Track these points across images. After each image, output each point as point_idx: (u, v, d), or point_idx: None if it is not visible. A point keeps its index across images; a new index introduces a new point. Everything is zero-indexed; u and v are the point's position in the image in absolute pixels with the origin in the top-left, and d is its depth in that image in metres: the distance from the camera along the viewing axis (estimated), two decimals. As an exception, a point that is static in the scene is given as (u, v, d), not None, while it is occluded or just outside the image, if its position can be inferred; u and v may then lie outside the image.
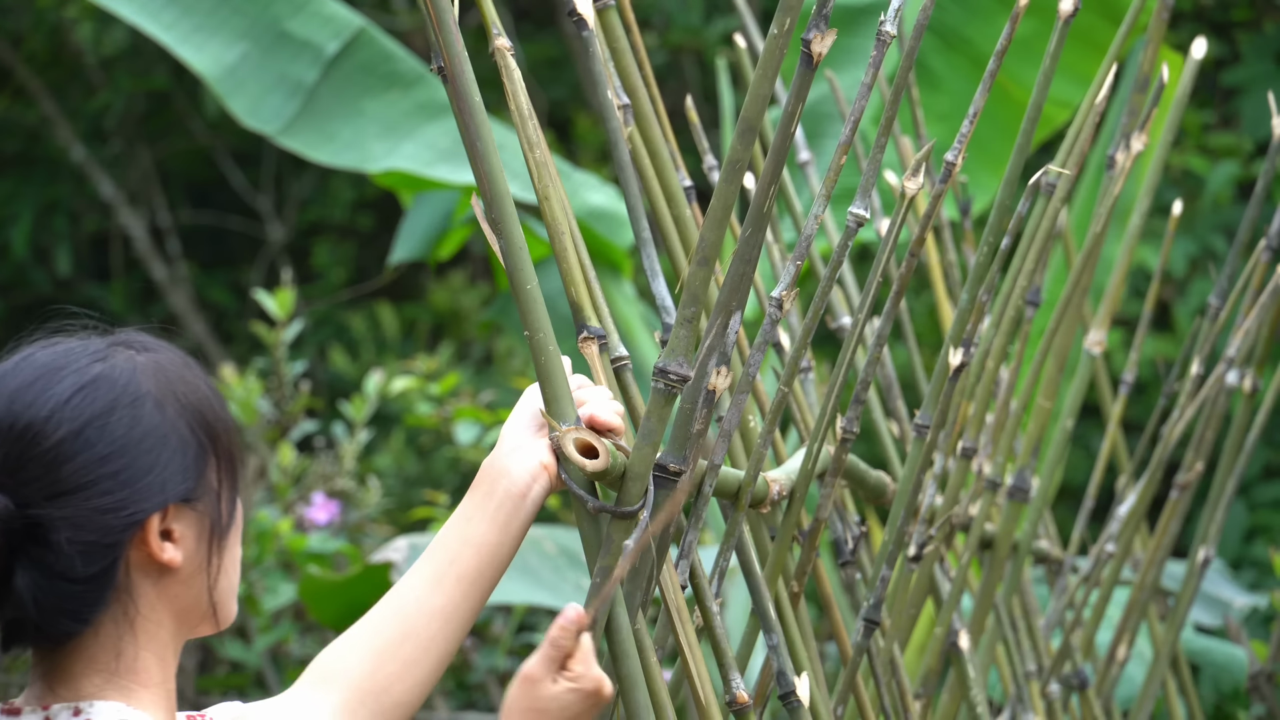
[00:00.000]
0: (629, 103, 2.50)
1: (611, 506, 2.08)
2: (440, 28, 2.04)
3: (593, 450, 2.06)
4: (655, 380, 2.09)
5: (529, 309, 2.07)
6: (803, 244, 2.25)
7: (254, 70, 5.10)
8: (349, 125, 5.14)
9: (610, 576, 2.06)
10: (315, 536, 5.21)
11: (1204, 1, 7.69)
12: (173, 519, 1.95)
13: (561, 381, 2.08)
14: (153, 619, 1.97)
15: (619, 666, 2.10)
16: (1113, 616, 4.43)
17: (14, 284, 9.54)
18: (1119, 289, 3.36)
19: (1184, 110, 3.35)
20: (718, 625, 2.28)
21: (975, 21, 4.97)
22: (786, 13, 2.02)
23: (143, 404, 1.96)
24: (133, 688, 1.96)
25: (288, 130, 5.12)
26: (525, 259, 2.07)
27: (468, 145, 2.06)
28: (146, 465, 1.94)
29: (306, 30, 5.17)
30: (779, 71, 2.06)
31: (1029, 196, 2.76)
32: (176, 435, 1.96)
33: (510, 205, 2.07)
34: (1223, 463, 3.66)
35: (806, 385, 2.95)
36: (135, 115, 9.63)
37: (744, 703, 2.27)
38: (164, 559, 1.95)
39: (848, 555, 2.78)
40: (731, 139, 2.08)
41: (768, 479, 2.42)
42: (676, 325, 2.09)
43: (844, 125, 2.24)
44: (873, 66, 2.23)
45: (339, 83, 5.16)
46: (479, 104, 2.06)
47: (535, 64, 9.30)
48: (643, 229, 2.44)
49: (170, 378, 1.99)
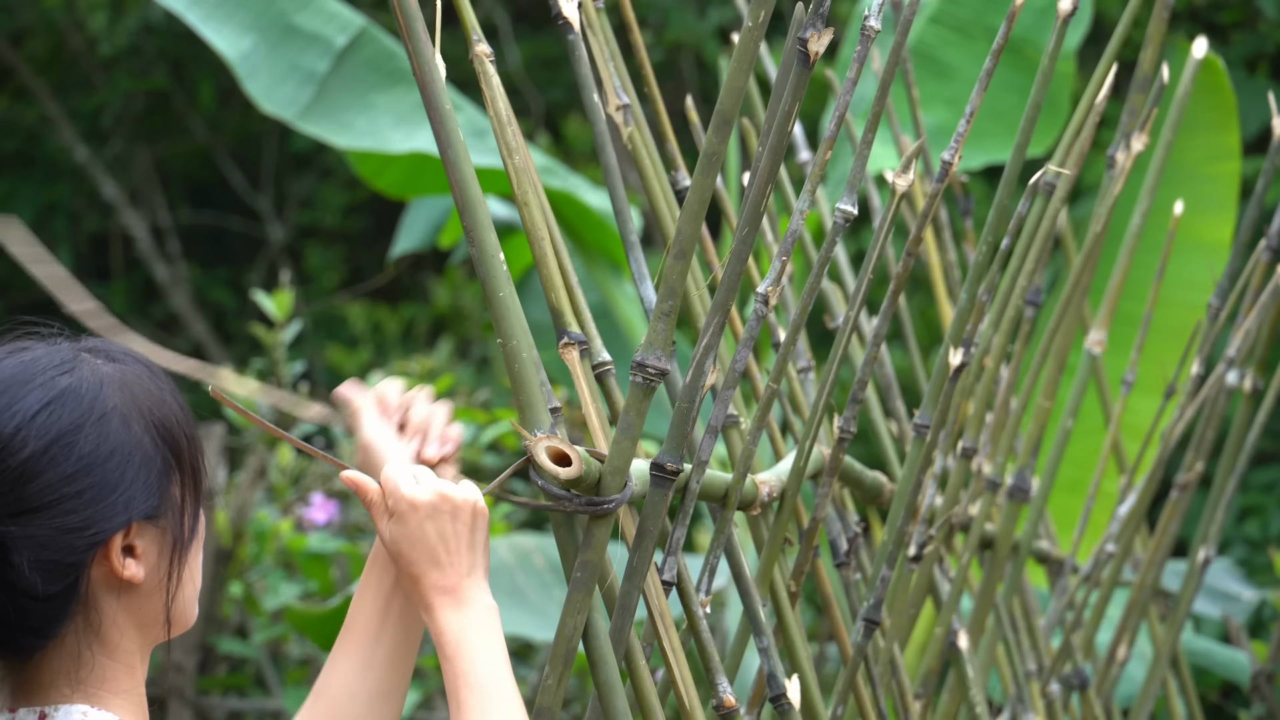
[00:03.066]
0: (629, 102, 2.50)
1: (589, 504, 2.06)
2: (409, 35, 2.03)
3: (565, 458, 2.05)
4: (633, 374, 2.07)
5: (502, 316, 2.06)
6: (788, 240, 2.23)
7: (265, 59, 5.10)
8: (363, 115, 5.14)
9: (590, 571, 2.05)
10: (315, 536, 5.21)
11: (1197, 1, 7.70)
12: (135, 536, 1.95)
13: (535, 390, 2.06)
14: (116, 630, 1.96)
15: (597, 673, 2.09)
16: (1113, 616, 4.43)
17: (14, 284, 9.54)
18: (1119, 289, 3.36)
19: (1184, 109, 3.35)
20: (703, 628, 2.26)
21: (996, 13, 4.98)
22: (760, 6, 2.02)
23: (109, 420, 1.94)
24: (100, 694, 1.96)
25: (305, 116, 5.12)
26: (498, 266, 2.05)
27: (440, 152, 2.05)
28: (111, 483, 1.93)
29: (313, 24, 5.18)
30: (754, 65, 2.05)
31: (1029, 196, 2.76)
32: (141, 452, 1.95)
33: (484, 212, 2.05)
34: (1223, 463, 3.66)
35: (807, 385, 2.94)
36: (134, 115, 9.63)
37: (731, 706, 2.26)
38: (125, 576, 1.94)
39: (843, 557, 2.77)
40: (708, 131, 2.07)
41: (756, 481, 2.41)
42: (654, 319, 2.08)
43: (830, 120, 2.24)
44: (857, 61, 2.22)
45: (349, 75, 5.16)
46: (450, 111, 2.04)
47: (533, 65, 9.30)
48: (630, 232, 2.43)
49: (136, 391, 1.97)
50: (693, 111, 2.88)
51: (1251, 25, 7.78)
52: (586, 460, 2.05)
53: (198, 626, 5.12)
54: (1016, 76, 4.91)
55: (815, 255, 3.27)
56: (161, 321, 9.69)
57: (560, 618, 2.07)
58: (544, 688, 2.09)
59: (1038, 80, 2.69)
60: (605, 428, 2.23)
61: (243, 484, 5.29)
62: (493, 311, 2.06)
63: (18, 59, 9.38)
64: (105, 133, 9.62)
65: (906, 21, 2.32)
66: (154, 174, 9.69)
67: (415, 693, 5.03)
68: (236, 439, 5.62)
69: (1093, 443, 4.70)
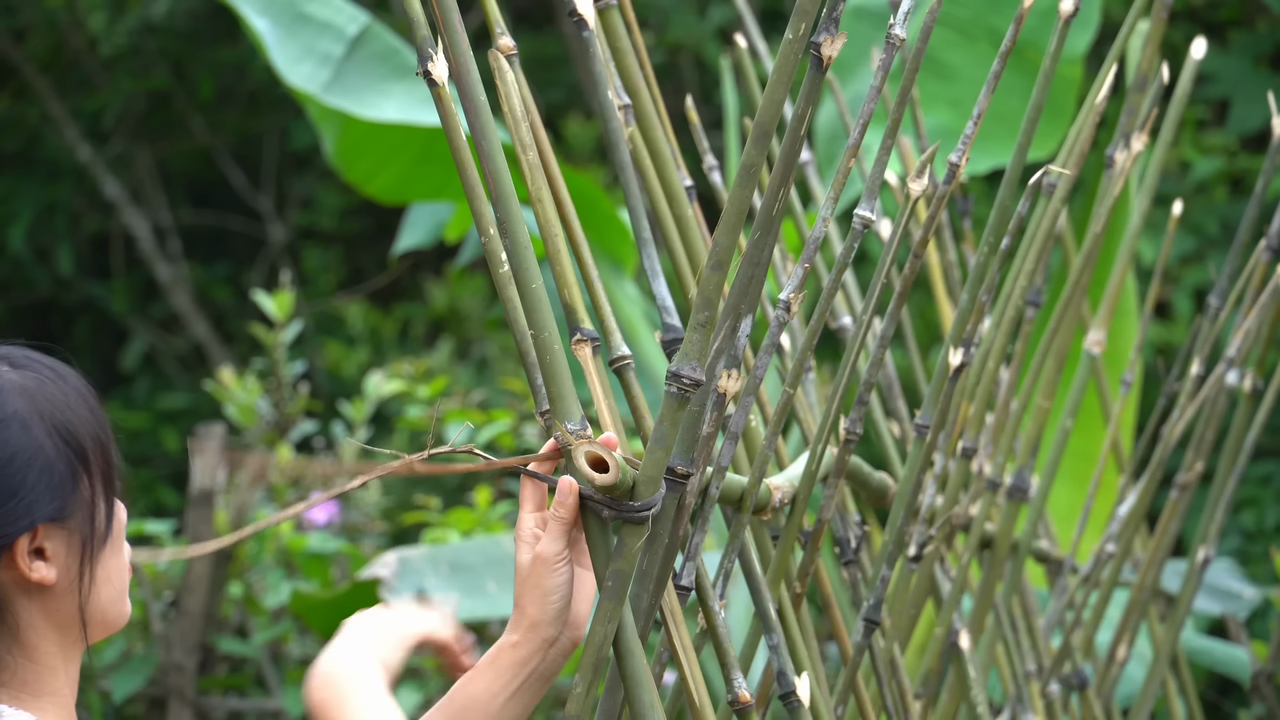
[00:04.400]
0: (630, 102, 2.50)
1: (623, 510, 2.07)
2: (446, 27, 2.05)
3: (603, 464, 2.06)
4: (668, 384, 2.09)
5: (534, 308, 2.08)
6: (811, 247, 2.24)
7: (282, 39, 5.11)
8: (383, 97, 5.14)
9: (621, 580, 2.06)
10: (314, 536, 5.21)
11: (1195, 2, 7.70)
12: (43, 538, 1.96)
13: (566, 381, 2.08)
14: (34, 632, 1.98)
15: (623, 666, 2.10)
16: (1113, 616, 4.43)
17: (14, 284, 9.54)
18: (1119, 288, 3.36)
19: (1183, 109, 3.35)
20: (720, 627, 2.27)
21: (997, 14, 4.98)
22: (801, 18, 2.02)
23: (8, 426, 1.95)
24: (21, 696, 1.97)
25: (327, 90, 5.12)
26: (530, 258, 2.08)
27: (475, 144, 2.06)
28: (11, 489, 1.94)
29: (324, 14, 5.19)
30: (793, 78, 2.06)
31: (1029, 196, 2.76)
32: (43, 456, 1.96)
33: (515, 205, 2.08)
34: (1223, 462, 3.66)
35: (807, 386, 2.95)
36: (135, 114, 9.63)
37: (746, 702, 2.27)
38: (35, 579, 1.96)
39: (851, 555, 2.77)
40: (747, 144, 2.08)
41: (770, 486, 2.42)
42: (690, 329, 2.09)
43: (853, 128, 2.24)
44: (882, 69, 2.23)
45: (362, 63, 5.17)
46: (484, 103, 2.07)
47: (530, 66, 9.30)
48: (643, 229, 2.44)
49: (38, 396, 1.98)
50: (693, 112, 2.89)
51: (1250, 23, 7.78)
52: (623, 467, 2.06)
53: (197, 626, 5.12)
54: (1020, 80, 4.91)
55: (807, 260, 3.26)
56: (162, 321, 9.69)
57: (590, 626, 2.08)
58: (573, 696, 2.09)
59: (1039, 81, 2.69)
60: (619, 425, 2.23)
61: (243, 484, 5.29)
62: (525, 303, 2.08)
63: (20, 58, 9.39)
64: (106, 132, 9.62)
65: (927, 29, 2.33)
66: (155, 173, 9.69)
67: (416, 693, 5.03)
68: (236, 438, 5.62)
69: (1093, 441, 4.70)
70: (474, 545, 4.93)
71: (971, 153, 4.90)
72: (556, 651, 2.06)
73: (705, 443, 2.12)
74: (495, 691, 2.06)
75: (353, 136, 5.29)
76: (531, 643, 2.05)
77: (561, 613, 2.05)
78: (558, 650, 2.06)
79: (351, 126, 5.25)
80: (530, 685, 2.06)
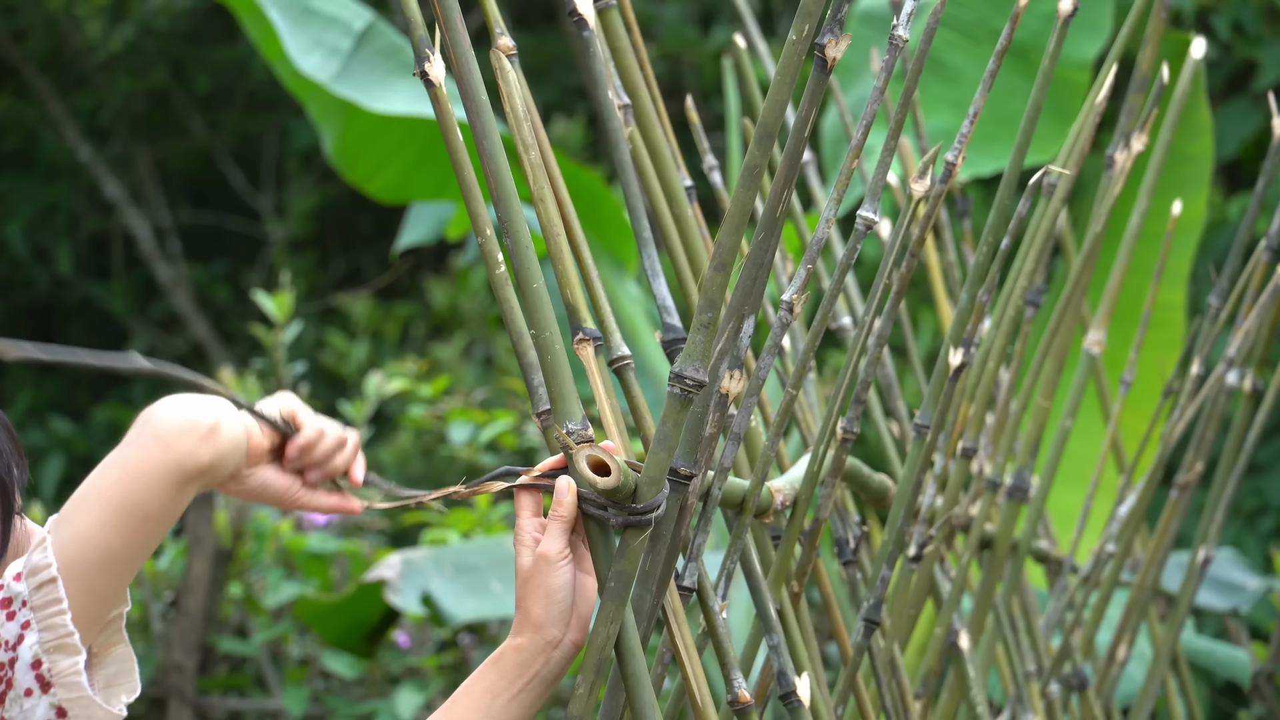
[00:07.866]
0: (629, 102, 2.50)
1: (627, 513, 2.07)
2: (447, 27, 2.05)
3: (604, 467, 2.06)
4: (671, 385, 2.08)
5: (535, 307, 2.08)
6: (814, 248, 2.24)
7: (291, 30, 5.11)
8: (389, 92, 5.14)
9: (624, 581, 2.06)
10: (314, 536, 5.22)
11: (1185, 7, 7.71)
12: None
13: (568, 381, 2.08)
14: None
15: (624, 665, 2.10)
16: (1113, 616, 4.43)
17: (14, 284, 9.54)
18: (1118, 288, 3.36)
19: (1183, 109, 3.35)
20: (721, 627, 2.28)
21: (1001, 16, 4.98)
22: (805, 19, 2.02)
23: None
24: None
25: (336, 81, 5.12)
26: (532, 258, 2.08)
27: (476, 143, 2.06)
28: None
29: (330, 9, 5.19)
30: (796, 80, 2.06)
31: (1029, 197, 2.76)
32: None
33: (517, 204, 2.08)
34: (1222, 462, 3.66)
35: (807, 387, 2.95)
36: (134, 114, 9.64)
37: (746, 702, 2.28)
38: None
39: (850, 555, 2.78)
40: (750, 145, 2.08)
41: (771, 489, 2.42)
42: (693, 331, 2.09)
43: (856, 130, 2.24)
44: (885, 70, 2.23)
45: (368, 58, 5.17)
46: (485, 102, 2.07)
47: (527, 68, 9.30)
48: (643, 228, 2.44)
49: None
50: (693, 112, 2.88)
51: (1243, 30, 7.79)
52: (625, 470, 2.06)
53: (197, 626, 5.12)
54: (1025, 83, 4.90)
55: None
56: (162, 321, 9.70)
57: (593, 626, 2.08)
58: (575, 696, 2.09)
59: (1038, 81, 2.69)
60: (620, 425, 2.23)
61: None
62: (526, 303, 2.08)
63: (19, 58, 9.39)
64: (106, 132, 9.63)
65: (930, 30, 2.33)
66: (154, 173, 9.70)
67: (416, 694, 5.03)
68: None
69: (1093, 442, 4.70)
70: (478, 546, 4.93)
71: (978, 155, 4.92)
72: (559, 654, 2.06)
73: (708, 444, 2.12)
74: (497, 692, 2.06)
75: (353, 135, 5.29)
76: (535, 643, 2.05)
77: (565, 612, 2.05)
78: (560, 653, 2.06)
79: (352, 125, 5.25)
80: (533, 688, 2.06)
